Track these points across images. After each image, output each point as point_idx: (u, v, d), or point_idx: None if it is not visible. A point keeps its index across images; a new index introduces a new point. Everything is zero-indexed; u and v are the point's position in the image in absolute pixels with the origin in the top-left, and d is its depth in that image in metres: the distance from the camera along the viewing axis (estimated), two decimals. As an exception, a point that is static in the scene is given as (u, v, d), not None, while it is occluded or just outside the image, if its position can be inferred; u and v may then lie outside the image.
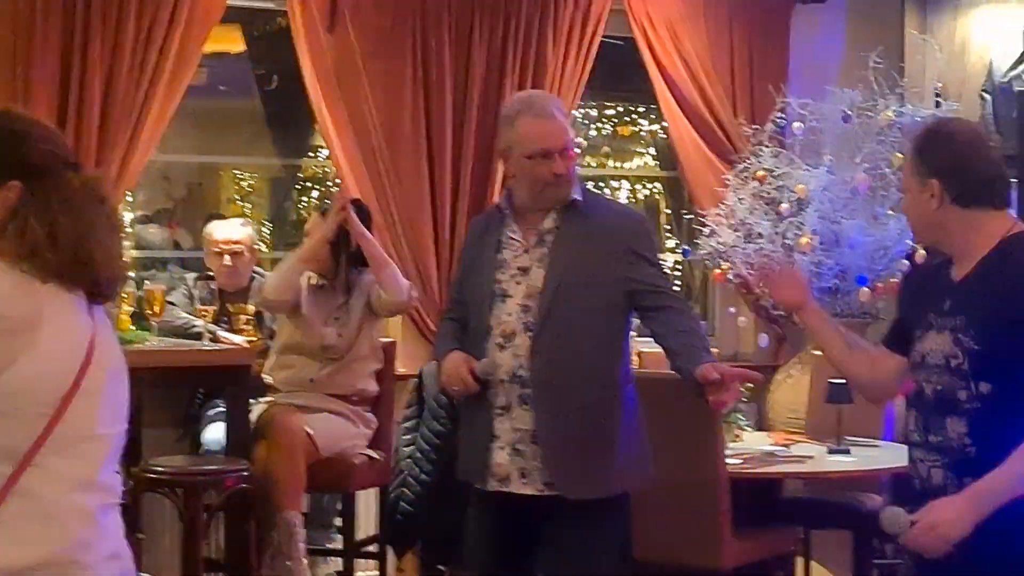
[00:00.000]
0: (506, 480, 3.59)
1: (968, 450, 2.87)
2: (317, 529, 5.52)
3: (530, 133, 3.58)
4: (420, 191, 5.97)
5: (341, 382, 5.24)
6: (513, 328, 3.59)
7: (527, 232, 3.66)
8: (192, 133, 6.72)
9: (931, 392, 2.97)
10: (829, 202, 6.09)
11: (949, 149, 2.98)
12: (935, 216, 2.96)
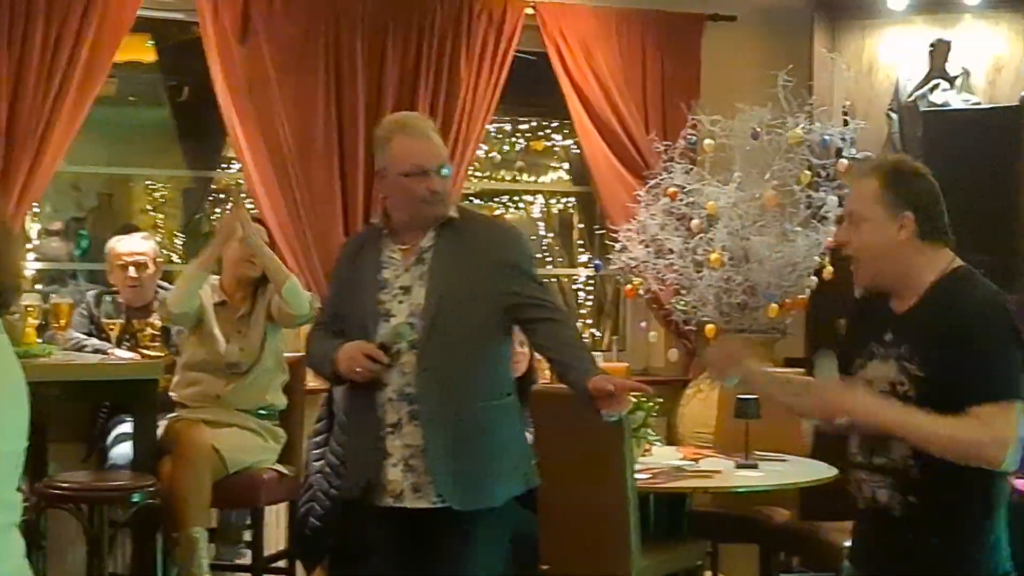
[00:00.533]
0: (400, 496, 3.66)
1: (911, 470, 2.95)
2: (226, 545, 5.47)
3: (405, 152, 3.66)
4: (332, 205, 5.94)
5: (248, 397, 5.20)
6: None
7: (406, 251, 3.72)
8: (102, 144, 6.65)
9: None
10: (739, 218, 6.16)
11: (925, 184, 3.05)
12: (898, 248, 3.01)
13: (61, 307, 4.94)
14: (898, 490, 2.98)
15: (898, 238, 3.00)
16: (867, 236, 3.03)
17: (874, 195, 3.02)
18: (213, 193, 7.57)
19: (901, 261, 3.02)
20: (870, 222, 3.02)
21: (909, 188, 3.03)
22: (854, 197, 3.10)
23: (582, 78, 6.49)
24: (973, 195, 5.52)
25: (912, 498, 2.97)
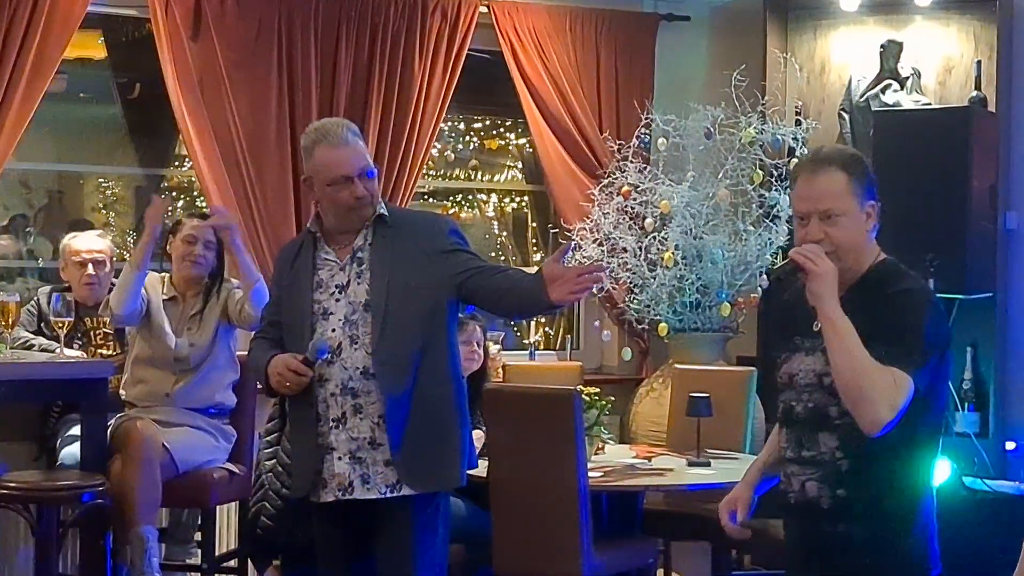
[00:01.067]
0: (348, 488, 3.75)
1: (840, 463, 3.00)
2: (177, 544, 5.44)
3: (327, 161, 3.75)
4: (285, 202, 5.92)
5: (198, 395, 5.17)
6: (339, 342, 3.74)
7: (340, 251, 3.82)
8: (52, 141, 6.59)
9: (802, 409, 3.08)
10: (692, 217, 6.18)
11: (872, 174, 3.09)
12: (866, 239, 3.06)
13: (8, 306, 4.88)
14: (827, 483, 3.01)
15: (866, 228, 3.05)
16: (846, 230, 3.02)
17: (845, 188, 3.03)
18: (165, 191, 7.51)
19: (862, 251, 3.05)
20: (847, 216, 3.02)
21: (869, 176, 3.08)
22: (821, 195, 3.03)
23: (536, 77, 6.50)
24: (923, 195, 5.59)
25: (841, 491, 3.00)
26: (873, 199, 3.06)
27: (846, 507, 3.00)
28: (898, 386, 2.84)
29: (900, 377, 2.85)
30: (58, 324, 4.96)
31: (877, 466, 2.96)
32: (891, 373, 2.84)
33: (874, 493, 2.98)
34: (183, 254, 5.24)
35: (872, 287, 3.03)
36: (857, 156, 3.15)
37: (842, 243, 3.02)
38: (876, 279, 3.04)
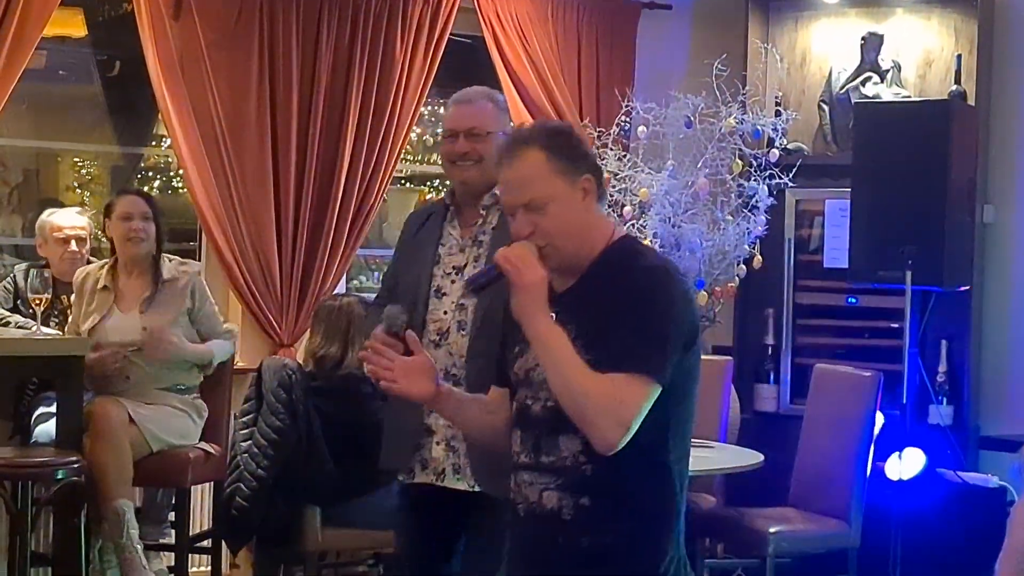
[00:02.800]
0: (441, 475, 3.60)
1: (584, 468, 2.68)
2: (150, 524, 5.42)
3: (445, 116, 3.75)
4: (264, 183, 5.90)
5: (160, 376, 5.13)
6: (448, 326, 3.58)
7: (464, 230, 3.68)
8: (29, 118, 6.55)
9: (540, 409, 2.75)
10: (671, 206, 6.18)
11: (582, 140, 2.80)
12: (585, 218, 2.74)
13: (-15, 282, 4.87)
14: (568, 491, 2.69)
15: (584, 207, 2.72)
16: (558, 216, 2.70)
17: (547, 169, 2.69)
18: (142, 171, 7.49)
19: (587, 232, 2.74)
20: (556, 200, 2.69)
21: (575, 147, 2.75)
22: (520, 183, 2.72)
23: (517, 63, 6.49)
24: (901, 187, 5.61)
25: (584, 500, 2.69)
26: (589, 171, 2.73)
27: (591, 517, 2.68)
28: (627, 399, 2.59)
29: (630, 387, 2.59)
30: (35, 301, 4.93)
31: (625, 470, 2.64)
32: (615, 387, 2.58)
33: (624, 499, 2.68)
34: (124, 233, 5.15)
35: (606, 272, 2.73)
36: (552, 128, 2.84)
37: (556, 232, 2.71)
38: (612, 262, 2.74)
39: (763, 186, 6.16)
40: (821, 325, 6.53)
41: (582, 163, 2.73)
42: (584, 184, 2.71)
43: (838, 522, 5.28)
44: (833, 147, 6.58)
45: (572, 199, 2.71)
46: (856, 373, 5.51)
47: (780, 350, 6.51)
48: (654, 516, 2.71)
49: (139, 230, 5.14)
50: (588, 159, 2.77)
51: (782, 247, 6.49)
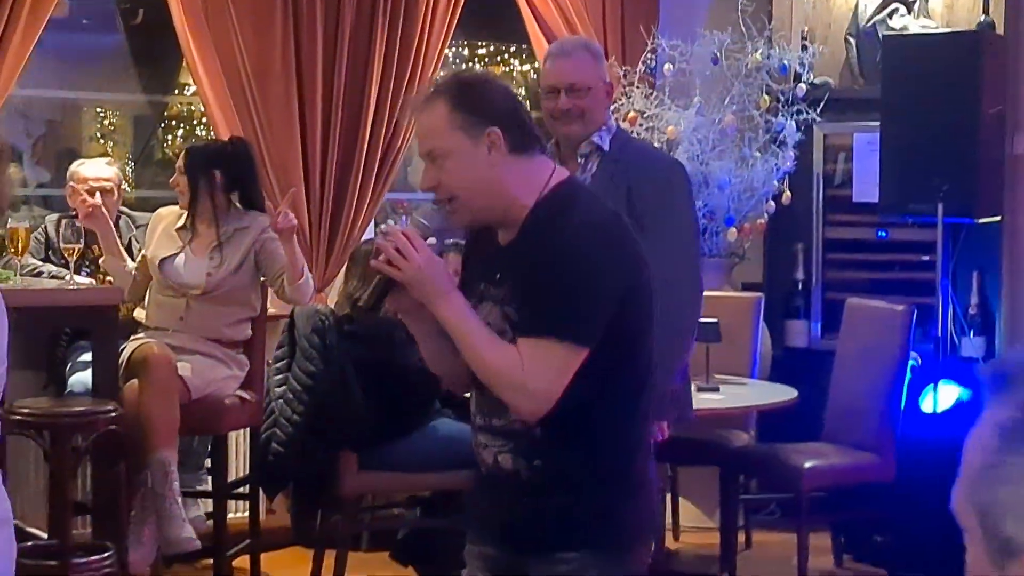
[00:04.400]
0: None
1: (533, 431, 2.63)
2: (188, 471, 5.45)
3: (544, 72, 3.77)
4: (290, 129, 5.89)
5: (212, 324, 5.16)
6: None
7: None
8: (53, 69, 6.54)
9: None
10: (698, 143, 6.16)
11: (498, 90, 2.69)
12: (494, 173, 2.61)
13: (18, 232, 4.86)
14: (521, 454, 2.65)
15: (489, 161, 2.60)
16: (457, 171, 2.61)
17: (447, 122, 2.60)
18: (165, 120, 7.48)
19: (501, 187, 2.63)
20: (456, 153, 2.60)
21: (483, 99, 2.63)
22: (424, 133, 2.65)
23: (541, 2, 6.44)
24: (932, 120, 5.57)
25: (538, 462, 2.64)
26: (494, 124, 2.59)
27: (549, 478, 2.64)
28: (539, 368, 2.53)
29: (545, 353, 2.53)
30: (68, 251, 4.94)
31: (573, 431, 2.60)
32: (527, 359, 2.53)
33: (577, 460, 2.62)
34: (176, 185, 5.28)
35: (536, 227, 2.64)
36: (462, 80, 2.72)
37: (457, 187, 2.62)
38: (541, 216, 2.64)
39: (791, 121, 6.13)
40: (851, 260, 6.51)
41: (488, 116, 2.60)
42: (490, 138, 2.59)
43: (872, 456, 5.27)
44: (860, 81, 6.53)
45: (474, 154, 2.60)
46: (889, 307, 5.49)
47: (810, 286, 6.49)
48: (614, 477, 2.67)
49: (176, 184, 5.25)
50: (496, 111, 2.61)
51: (810, 182, 6.46)
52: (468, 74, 2.90)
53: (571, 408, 2.59)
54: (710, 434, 5.53)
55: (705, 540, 5.96)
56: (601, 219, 2.66)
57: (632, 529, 2.72)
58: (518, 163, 2.63)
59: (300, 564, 5.45)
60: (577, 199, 2.69)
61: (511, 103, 2.68)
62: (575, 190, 2.73)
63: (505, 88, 2.74)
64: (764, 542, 5.94)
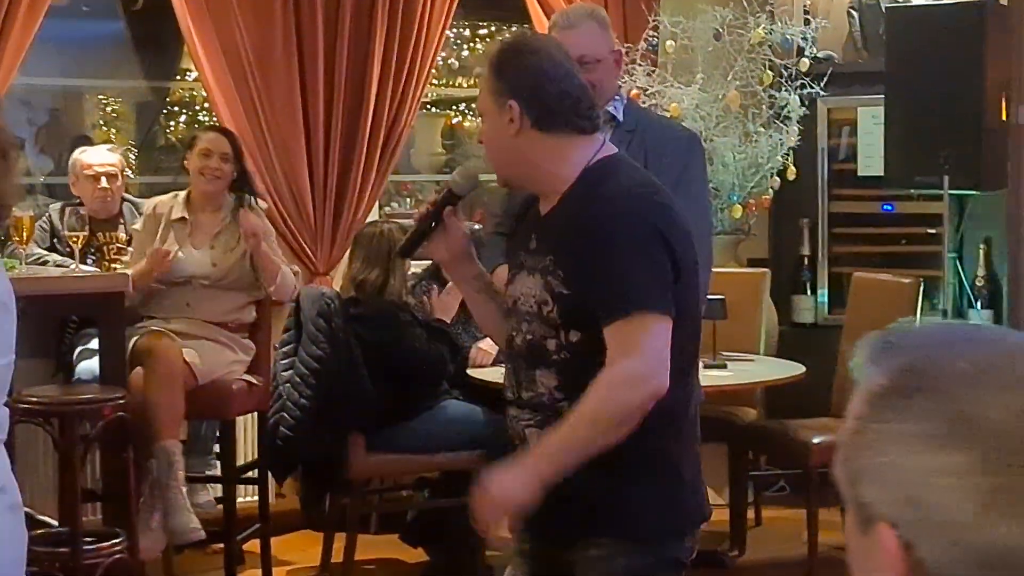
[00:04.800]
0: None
1: (560, 405, 2.59)
2: (196, 456, 5.47)
3: None
4: (292, 112, 5.87)
5: (219, 308, 5.16)
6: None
7: None
8: (55, 57, 6.53)
9: (521, 342, 2.67)
10: (702, 120, 6.14)
11: (530, 63, 2.67)
12: (515, 143, 2.64)
13: (23, 220, 4.85)
14: (546, 428, 2.59)
15: (509, 131, 2.62)
16: (487, 132, 2.70)
17: (486, 85, 2.69)
18: (167, 106, 7.47)
19: (525, 157, 2.65)
20: (487, 115, 2.69)
21: (512, 71, 2.66)
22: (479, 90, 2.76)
23: (542, -20, 6.42)
24: (937, 91, 5.55)
25: None
26: (513, 97, 2.62)
27: None
28: (651, 343, 2.49)
29: (647, 328, 2.49)
30: (72, 238, 4.94)
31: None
32: (632, 338, 2.48)
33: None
34: (199, 168, 5.18)
35: (574, 199, 2.63)
36: (506, 47, 2.79)
37: (488, 147, 2.71)
38: (579, 189, 2.63)
39: (794, 96, 6.11)
40: (857, 234, 6.50)
41: (510, 87, 2.63)
42: (509, 111, 2.62)
43: (881, 430, 5.25)
44: (864, 54, 6.51)
45: (499, 121, 2.64)
46: (896, 280, 5.49)
47: (816, 260, 6.48)
48: (639, 461, 2.58)
49: (213, 169, 5.15)
50: (518, 84, 2.63)
51: (815, 157, 6.45)
52: (515, 39, 2.87)
53: None
54: (718, 411, 5.52)
55: (715, 517, 5.87)
56: (639, 187, 2.63)
57: (664, 516, 2.64)
58: (546, 139, 2.63)
59: (310, 547, 5.46)
60: (619, 169, 2.66)
61: (537, 79, 2.64)
62: (618, 163, 2.69)
63: (536, 62, 2.66)
64: (774, 518, 5.95)
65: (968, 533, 1.05)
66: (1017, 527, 1.04)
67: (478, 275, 2.86)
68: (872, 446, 1.11)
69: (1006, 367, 1.09)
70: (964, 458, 1.06)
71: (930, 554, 1.07)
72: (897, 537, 1.08)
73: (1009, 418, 1.05)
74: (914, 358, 1.12)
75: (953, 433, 1.06)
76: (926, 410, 1.08)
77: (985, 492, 1.05)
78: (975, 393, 1.07)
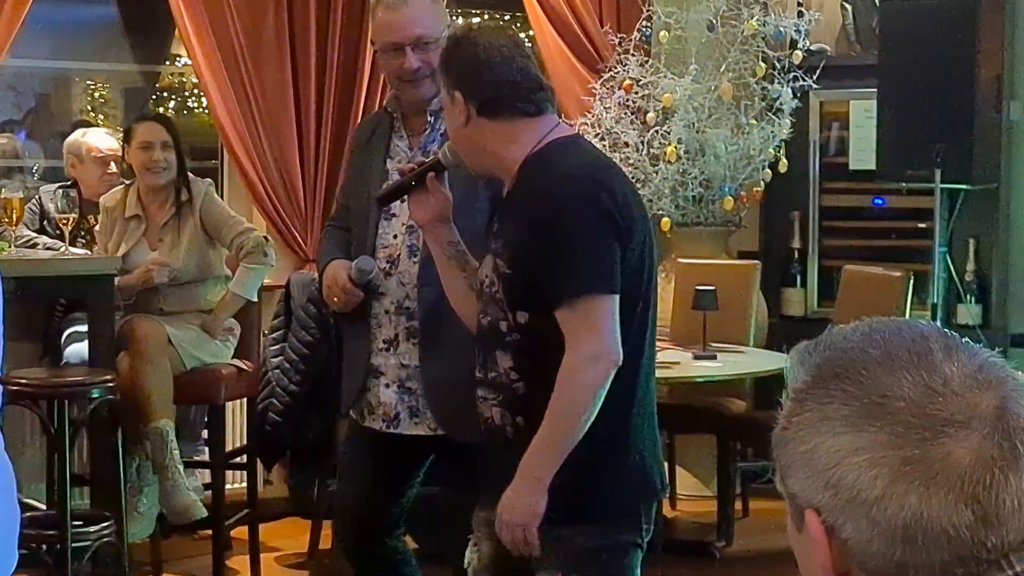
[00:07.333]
0: (395, 420, 3.37)
1: (516, 386, 2.66)
2: (185, 441, 5.43)
3: (380, 25, 3.36)
4: (284, 98, 5.86)
5: (190, 303, 5.08)
6: (399, 252, 3.32)
7: (413, 139, 3.40)
8: (45, 41, 6.50)
9: (485, 323, 2.73)
10: (694, 111, 6.13)
11: (468, 54, 2.71)
12: (469, 133, 2.71)
13: (12, 202, 4.83)
14: (508, 409, 2.68)
15: (461, 121, 2.70)
16: (448, 124, 2.80)
17: (441, 80, 2.78)
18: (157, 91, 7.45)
19: (479, 144, 2.71)
20: (445, 108, 2.79)
21: (454, 64, 2.73)
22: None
23: (535, -32, 6.41)
24: (929, 86, 5.55)
25: (519, 419, 2.67)
26: (457, 88, 2.69)
27: (529, 437, 2.62)
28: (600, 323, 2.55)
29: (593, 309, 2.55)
30: (63, 221, 4.91)
31: (551, 388, 2.58)
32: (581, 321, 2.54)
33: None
34: (143, 163, 5.00)
35: (520, 182, 2.69)
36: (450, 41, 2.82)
37: (452, 138, 2.78)
38: (526, 172, 2.68)
39: (787, 89, 6.10)
40: (848, 227, 6.51)
41: (455, 79, 2.70)
42: (456, 101, 2.69)
43: (869, 423, 5.26)
44: (856, 47, 6.51)
45: (452, 111, 2.72)
46: (885, 273, 5.49)
47: (807, 253, 6.49)
48: (594, 441, 2.61)
49: (158, 161, 4.98)
50: (460, 75, 2.69)
51: (807, 150, 6.45)
52: (458, 33, 2.81)
53: (552, 364, 2.58)
54: (706, 402, 5.53)
55: (702, 508, 5.97)
56: (582, 167, 2.66)
57: (618, 495, 2.69)
58: (494, 126, 2.68)
59: (298, 534, 5.45)
60: (566, 150, 2.69)
61: (474, 68, 2.68)
62: (565, 144, 2.71)
63: (472, 53, 2.69)
64: (761, 510, 5.95)
65: (882, 507, 1.10)
66: (926, 493, 1.09)
67: (452, 242, 2.89)
68: (795, 438, 1.16)
69: (909, 349, 1.15)
70: (875, 435, 1.11)
71: (853, 534, 1.12)
72: (822, 522, 1.13)
73: (913, 393, 1.11)
74: (833, 353, 1.18)
75: (866, 413, 1.12)
76: (843, 394, 1.14)
77: (895, 465, 1.10)
78: (884, 374, 1.13)
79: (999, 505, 1.09)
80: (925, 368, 1.13)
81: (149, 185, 5.05)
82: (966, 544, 1.09)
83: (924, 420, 1.11)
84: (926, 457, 1.09)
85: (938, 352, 1.15)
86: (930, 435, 1.10)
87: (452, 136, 2.77)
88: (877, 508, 1.10)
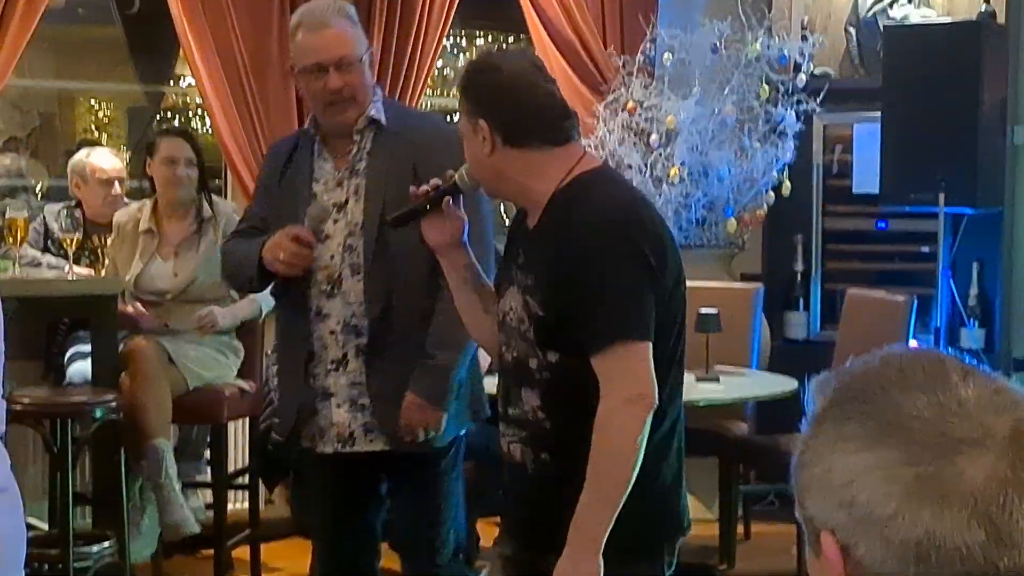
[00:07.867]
0: (349, 440, 3.35)
1: (543, 424, 2.62)
2: (187, 461, 5.44)
3: (302, 47, 3.30)
4: (288, 118, 5.86)
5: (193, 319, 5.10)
6: (338, 272, 3.30)
7: (338, 161, 3.36)
8: (50, 60, 6.52)
9: (510, 359, 2.68)
10: (698, 133, 6.14)
11: (493, 80, 2.64)
12: (491, 162, 2.63)
13: (17, 221, 4.84)
14: (530, 445, 2.64)
15: (484, 150, 2.61)
16: (467, 152, 2.68)
17: (461, 105, 2.67)
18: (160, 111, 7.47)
19: (503, 174, 2.64)
20: (465, 136, 2.68)
21: (476, 91, 2.65)
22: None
23: (539, -10, 6.42)
24: (933, 110, 5.56)
25: (545, 455, 2.63)
26: (481, 116, 2.60)
27: (553, 474, 2.61)
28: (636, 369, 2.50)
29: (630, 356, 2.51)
30: (67, 240, 4.92)
31: (581, 428, 2.52)
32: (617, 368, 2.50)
33: (582, 458, 2.52)
34: (167, 177, 5.05)
35: (552, 219, 2.61)
36: (472, 66, 2.80)
37: (471, 166, 2.69)
38: (557, 206, 2.61)
39: (791, 112, 6.11)
40: (851, 251, 6.50)
41: (478, 107, 2.62)
42: (480, 130, 2.60)
43: (872, 447, 5.26)
44: (861, 71, 6.52)
45: (473, 140, 2.63)
46: (889, 297, 5.49)
47: (810, 276, 6.48)
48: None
49: (181, 177, 5.02)
50: (485, 103, 2.62)
51: (810, 173, 6.44)
52: (480, 58, 2.81)
53: (582, 405, 2.54)
54: (709, 424, 5.51)
55: (704, 531, 5.94)
56: (614, 210, 2.58)
57: (640, 529, 2.61)
58: (520, 155, 2.61)
59: (300, 555, 5.42)
60: (598, 183, 2.62)
61: (498, 96, 2.61)
62: (599, 176, 2.66)
63: (496, 79, 2.63)
64: (763, 533, 5.94)
65: (895, 525, 1.10)
66: (939, 511, 1.09)
67: (468, 265, 2.84)
68: (813, 460, 1.18)
69: (926, 371, 1.16)
70: (888, 452, 1.12)
71: (867, 553, 1.12)
72: (837, 542, 1.14)
73: (928, 413, 1.12)
74: (850, 377, 1.20)
75: (881, 431, 1.13)
76: (859, 414, 1.15)
77: (909, 481, 1.10)
78: (899, 394, 1.15)
79: (1012, 525, 1.09)
80: (941, 389, 1.14)
81: (170, 200, 5.08)
82: (979, 564, 1.09)
83: (939, 439, 1.11)
84: (940, 475, 1.10)
85: (954, 375, 1.16)
86: (944, 453, 1.11)
87: (473, 165, 2.68)
88: (890, 525, 1.11)
